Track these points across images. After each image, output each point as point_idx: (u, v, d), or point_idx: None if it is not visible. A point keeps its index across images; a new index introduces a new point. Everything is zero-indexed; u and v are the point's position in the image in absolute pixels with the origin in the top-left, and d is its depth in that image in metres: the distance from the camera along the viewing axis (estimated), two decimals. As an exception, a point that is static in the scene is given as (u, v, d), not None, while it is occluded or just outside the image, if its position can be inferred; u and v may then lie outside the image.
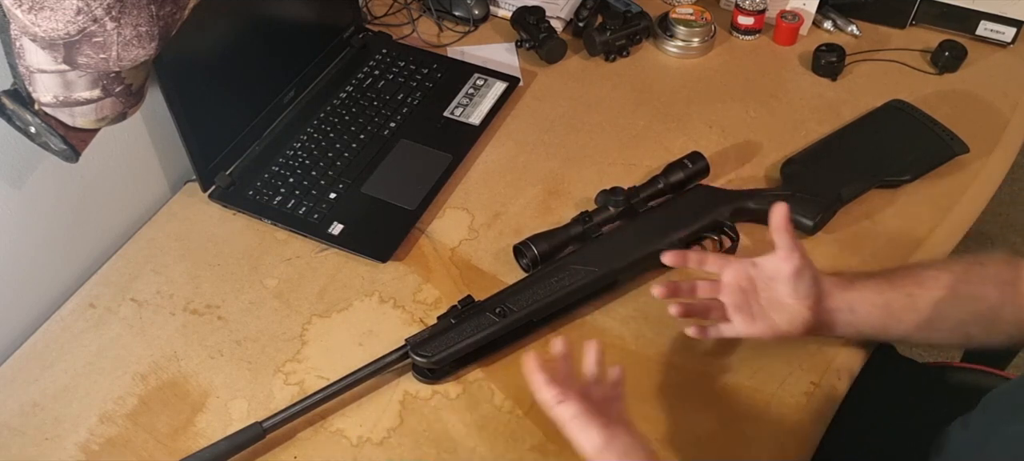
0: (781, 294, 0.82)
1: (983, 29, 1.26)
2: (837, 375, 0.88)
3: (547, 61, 1.27)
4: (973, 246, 2.16)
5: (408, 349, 0.87)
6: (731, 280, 0.85)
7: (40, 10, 0.69)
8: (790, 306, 0.82)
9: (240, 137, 1.10)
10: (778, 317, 0.82)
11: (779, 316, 0.82)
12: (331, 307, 0.96)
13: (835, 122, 1.15)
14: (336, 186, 1.08)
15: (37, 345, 0.94)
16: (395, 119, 1.17)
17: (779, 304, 0.82)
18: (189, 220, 1.07)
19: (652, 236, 0.97)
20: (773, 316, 0.83)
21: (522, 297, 0.90)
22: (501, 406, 0.87)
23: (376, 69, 1.24)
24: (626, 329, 0.93)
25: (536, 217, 1.05)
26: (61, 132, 0.82)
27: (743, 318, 0.84)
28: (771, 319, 0.83)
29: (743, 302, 0.84)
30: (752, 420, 0.84)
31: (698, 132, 1.16)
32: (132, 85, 0.82)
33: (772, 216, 0.80)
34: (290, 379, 0.90)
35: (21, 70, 0.78)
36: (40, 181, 0.93)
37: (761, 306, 0.83)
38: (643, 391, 0.87)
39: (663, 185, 1.02)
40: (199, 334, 0.94)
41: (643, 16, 1.29)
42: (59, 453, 0.84)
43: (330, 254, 1.02)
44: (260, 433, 0.82)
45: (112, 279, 1.00)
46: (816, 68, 1.24)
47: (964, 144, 1.08)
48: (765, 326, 0.83)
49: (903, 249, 0.99)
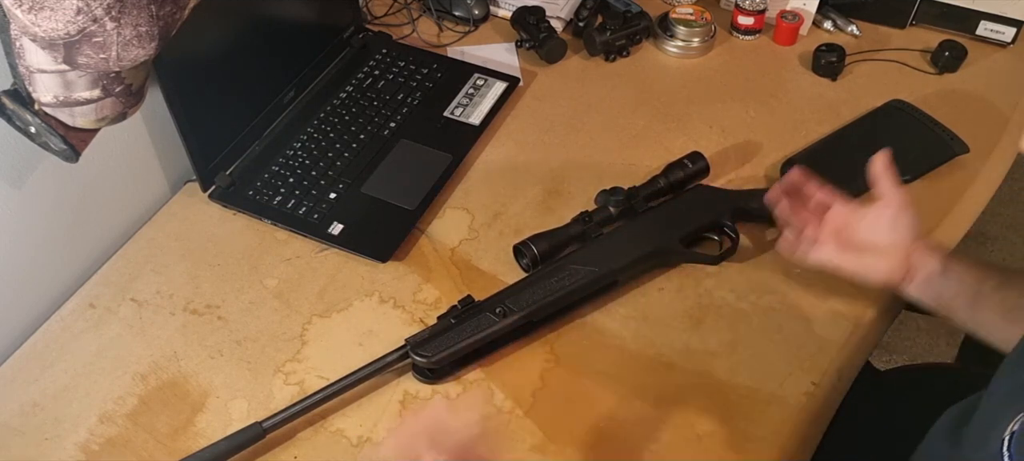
0: (879, 234, 0.84)
1: (983, 29, 1.25)
2: (837, 375, 0.88)
3: (547, 61, 1.27)
4: (973, 246, 2.17)
5: (408, 349, 0.87)
6: (838, 212, 0.87)
7: (40, 10, 0.69)
8: (884, 248, 0.84)
9: (240, 137, 1.10)
10: (869, 257, 0.85)
11: (870, 256, 0.85)
12: (331, 307, 0.96)
13: (835, 122, 1.15)
14: (336, 186, 1.08)
15: (37, 345, 0.94)
16: (395, 119, 1.17)
17: (873, 245, 0.85)
18: (189, 220, 1.07)
19: (652, 236, 0.97)
20: (865, 254, 0.85)
21: (522, 297, 0.90)
22: (501, 406, 0.87)
23: (376, 69, 1.24)
24: (626, 329, 0.93)
25: (536, 217, 1.05)
26: (61, 132, 0.82)
27: (835, 246, 0.86)
28: (862, 255, 0.86)
29: (842, 231, 0.87)
30: (752, 420, 0.84)
31: (698, 132, 1.16)
32: (132, 85, 0.82)
33: (874, 163, 0.84)
34: (290, 379, 0.90)
35: (21, 70, 0.77)
36: (40, 181, 0.93)
37: (855, 242, 0.86)
38: (643, 391, 0.87)
39: (663, 185, 1.02)
40: (199, 334, 0.94)
41: (643, 16, 1.29)
42: (59, 453, 0.84)
43: (330, 254, 1.02)
44: (260, 433, 0.82)
45: (112, 279, 1.00)
46: (816, 68, 1.24)
47: (964, 144, 1.08)
48: (854, 260, 0.86)
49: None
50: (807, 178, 0.91)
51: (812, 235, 0.89)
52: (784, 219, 0.92)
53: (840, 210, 0.88)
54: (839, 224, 0.87)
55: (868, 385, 0.93)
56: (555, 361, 0.90)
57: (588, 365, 0.90)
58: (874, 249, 0.85)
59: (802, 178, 0.91)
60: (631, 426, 0.84)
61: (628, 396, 0.87)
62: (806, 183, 0.91)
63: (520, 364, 0.90)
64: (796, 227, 0.91)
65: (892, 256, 0.84)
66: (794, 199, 0.92)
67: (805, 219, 0.90)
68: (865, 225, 0.86)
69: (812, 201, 0.91)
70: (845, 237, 0.87)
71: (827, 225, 0.88)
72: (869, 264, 0.86)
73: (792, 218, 0.91)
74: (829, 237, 0.87)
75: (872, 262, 0.85)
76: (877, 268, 0.85)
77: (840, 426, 0.88)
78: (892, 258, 0.84)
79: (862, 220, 0.86)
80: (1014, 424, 0.62)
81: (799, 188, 0.92)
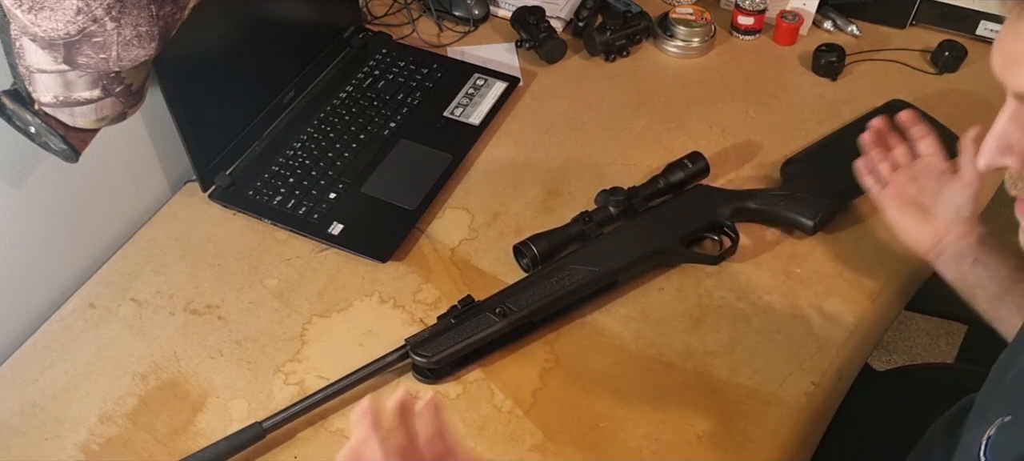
0: (935, 203, 0.87)
1: (983, 29, 1.26)
2: (837, 375, 0.88)
3: (547, 61, 1.27)
4: (973, 246, 2.13)
5: (408, 349, 0.87)
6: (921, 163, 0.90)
7: (40, 10, 0.69)
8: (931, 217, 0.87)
9: (240, 137, 1.10)
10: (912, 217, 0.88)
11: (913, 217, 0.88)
12: (331, 307, 0.96)
13: (835, 122, 1.15)
14: (336, 186, 1.08)
15: (37, 345, 0.94)
16: (395, 119, 1.17)
17: (924, 208, 0.87)
18: (189, 220, 1.07)
19: (652, 236, 0.97)
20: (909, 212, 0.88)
21: (522, 297, 0.90)
22: (501, 406, 0.87)
23: (376, 69, 1.24)
24: (626, 329, 0.93)
25: (536, 217, 1.05)
26: (61, 132, 0.82)
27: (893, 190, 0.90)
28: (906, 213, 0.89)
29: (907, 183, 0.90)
30: (752, 420, 0.84)
31: (698, 132, 1.16)
32: (132, 85, 0.82)
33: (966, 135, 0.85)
34: (290, 379, 0.90)
35: (21, 70, 0.77)
36: (40, 181, 0.93)
37: (910, 195, 0.89)
38: (643, 391, 0.87)
39: (663, 185, 1.02)
40: (199, 334, 0.94)
41: (643, 16, 1.29)
42: (59, 453, 0.84)
43: (330, 254, 1.02)
44: (260, 433, 0.82)
45: (112, 279, 1.00)
46: (816, 68, 1.24)
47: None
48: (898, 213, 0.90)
49: (903, 249, 0.99)
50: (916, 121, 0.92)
51: (884, 171, 0.92)
52: (867, 147, 0.94)
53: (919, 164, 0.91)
54: (908, 174, 0.90)
55: (868, 385, 0.93)
56: (555, 361, 0.90)
57: (588, 365, 0.90)
58: (921, 211, 0.87)
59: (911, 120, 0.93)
60: (631, 426, 0.84)
61: (628, 396, 0.87)
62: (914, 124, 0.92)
63: (520, 364, 0.90)
64: (875, 157, 0.93)
65: (931, 226, 0.86)
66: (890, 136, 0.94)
67: (883, 155, 0.93)
68: (929, 187, 0.88)
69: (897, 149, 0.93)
70: (904, 186, 0.90)
71: (900, 174, 0.91)
72: (909, 223, 0.88)
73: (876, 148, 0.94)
74: (893, 180, 0.90)
75: (911, 222, 0.88)
76: (912, 230, 0.88)
77: (840, 426, 0.88)
78: (929, 228, 0.86)
79: (929, 181, 0.88)
80: (991, 429, 0.62)
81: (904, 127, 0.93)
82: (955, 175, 0.87)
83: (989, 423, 0.63)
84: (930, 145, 0.91)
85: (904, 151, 0.93)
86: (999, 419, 0.62)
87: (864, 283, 0.96)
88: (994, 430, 0.62)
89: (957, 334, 1.72)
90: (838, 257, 0.99)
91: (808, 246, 1.00)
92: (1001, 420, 0.62)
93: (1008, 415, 0.62)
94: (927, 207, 0.88)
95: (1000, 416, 0.62)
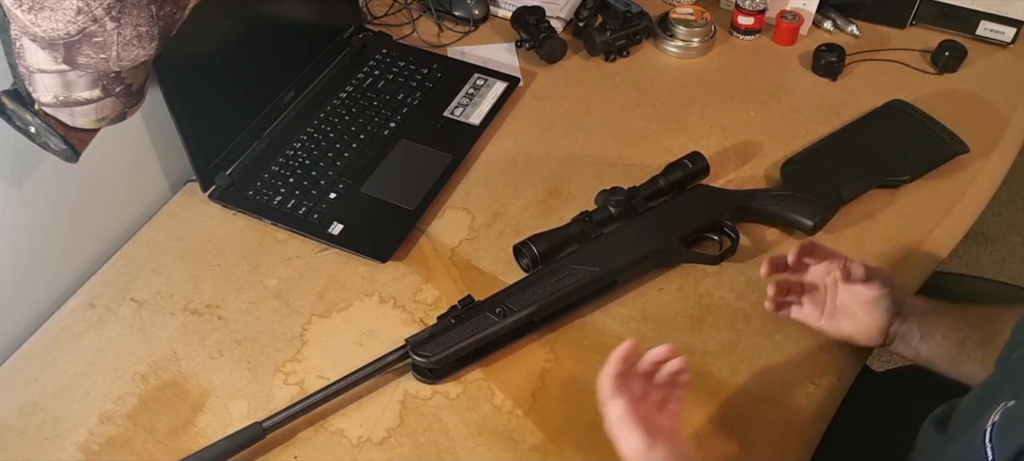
0: (857, 306, 0.84)
1: (983, 29, 1.26)
2: (837, 376, 0.88)
3: (547, 61, 1.27)
4: (973, 246, 2.17)
5: (408, 349, 0.87)
6: (818, 273, 0.87)
7: (40, 10, 0.69)
8: (862, 319, 0.84)
9: (240, 137, 1.10)
10: (846, 323, 0.85)
11: (848, 323, 0.85)
12: (331, 307, 0.96)
13: (835, 122, 1.15)
14: (336, 186, 1.08)
15: (37, 345, 0.94)
16: (395, 119, 1.17)
17: (852, 312, 0.85)
18: (189, 220, 1.07)
19: (652, 236, 0.97)
20: (842, 321, 0.85)
21: (522, 297, 0.90)
22: (501, 406, 0.87)
23: (376, 69, 1.24)
24: (626, 329, 0.93)
25: (536, 217, 1.05)
26: (61, 132, 0.82)
27: (814, 309, 0.86)
28: (839, 322, 0.85)
29: (820, 296, 0.86)
30: (752, 420, 0.84)
31: (698, 132, 1.16)
32: (132, 85, 0.82)
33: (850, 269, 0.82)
34: (290, 379, 0.90)
35: (21, 70, 0.77)
36: (40, 181, 0.93)
37: (835, 306, 0.86)
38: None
39: (663, 185, 1.02)
40: (199, 334, 0.94)
41: (643, 16, 1.29)
42: (59, 453, 0.84)
43: (330, 254, 1.02)
44: (260, 433, 0.82)
45: (112, 279, 1.00)
46: (816, 68, 1.24)
47: (964, 144, 1.08)
48: (832, 325, 0.86)
49: (903, 249, 0.99)
50: (810, 252, 0.87)
51: (795, 296, 0.88)
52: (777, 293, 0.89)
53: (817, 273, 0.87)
54: (816, 291, 0.87)
55: (868, 385, 0.93)
56: (555, 361, 0.90)
57: (588, 365, 0.89)
58: (853, 315, 0.85)
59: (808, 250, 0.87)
60: (631, 426, 0.84)
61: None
62: (812, 253, 0.87)
63: (520, 364, 0.90)
64: (781, 288, 0.88)
65: (871, 327, 0.84)
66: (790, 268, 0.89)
67: (787, 285, 0.88)
68: (844, 292, 0.85)
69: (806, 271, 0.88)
70: (823, 302, 0.86)
71: (807, 287, 0.87)
72: (847, 331, 0.85)
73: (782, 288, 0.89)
74: (808, 301, 0.87)
75: (854, 329, 0.85)
76: (858, 334, 0.85)
77: (840, 426, 0.88)
78: (872, 328, 0.84)
79: (845, 291, 0.85)
80: (995, 415, 0.63)
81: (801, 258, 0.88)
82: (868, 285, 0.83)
83: (994, 409, 0.63)
84: (821, 267, 0.87)
85: (802, 277, 0.89)
86: (1003, 404, 0.63)
87: (864, 283, 0.96)
88: (998, 415, 0.62)
89: (957, 334, 1.72)
90: (838, 257, 0.99)
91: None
92: (1004, 405, 0.63)
93: (1011, 400, 0.63)
94: (855, 311, 0.85)
95: (1004, 401, 0.63)
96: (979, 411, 0.66)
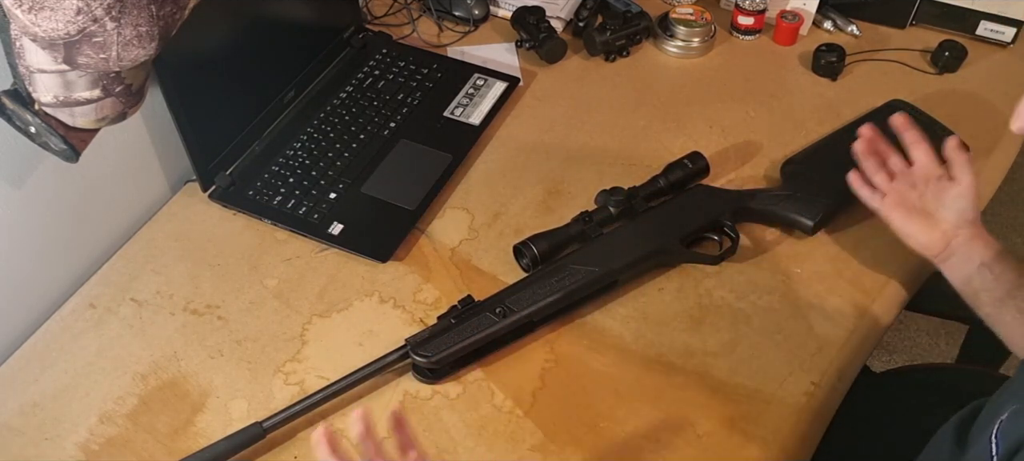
0: (937, 207, 0.87)
1: (983, 29, 1.25)
2: (837, 376, 0.88)
3: (547, 61, 1.27)
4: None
5: (408, 349, 0.87)
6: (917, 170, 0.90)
7: (40, 10, 0.69)
8: (935, 221, 0.87)
9: (240, 137, 1.10)
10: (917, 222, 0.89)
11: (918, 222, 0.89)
12: (331, 307, 0.96)
13: (835, 122, 1.15)
14: (336, 186, 1.08)
15: (37, 345, 0.94)
16: (395, 119, 1.17)
17: (927, 214, 0.88)
18: (189, 220, 1.07)
19: (652, 236, 0.97)
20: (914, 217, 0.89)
21: (522, 297, 0.90)
22: (501, 406, 0.87)
23: (376, 69, 1.24)
24: (626, 329, 0.93)
25: (536, 217, 1.05)
26: (61, 132, 0.82)
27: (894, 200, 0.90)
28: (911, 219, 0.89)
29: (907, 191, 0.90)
30: (752, 420, 0.84)
31: (698, 132, 1.16)
32: (132, 85, 0.82)
33: (947, 144, 0.88)
34: (290, 379, 0.90)
35: (21, 70, 0.78)
36: (40, 181, 0.93)
37: (911, 203, 0.89)
38: (643, 391, 0.87)
39: (663, 185, 1.02)
40: (199, 334, 0.94)
41: (643, 16, 1.29)
42: (59, 453, 0.84)
43: (330, 254, 1.02)
44: (260, 433, 0.82)
45: (112, 279, 1.00)
46: (816, 68, 1.24)
47: (964, 144, 1.08)
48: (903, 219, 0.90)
49: (903, 249, 0.99)
50: (908, 127, 0.92)
51: (881, 182, 0.92)
52: (861, 157, 0.95)
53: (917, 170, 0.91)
54: (907, 181, 0.90)
55: (868, 385, 0.93)
56: (555, 361, 0.90)
57: (588, 365, 0.90)
58: (926, 217, 0.88)
59: (904, 125, 0.92)
60: (631, 426, 0.84)
61: (628, 396, 0.87)
62: (906, 130, 0.92)
63: (520, 364, 0.90)
64: (870, 168, 0.93)
65: (938, 230, 0.86)
66: (881, 144, 0.95)
67: (878, 165, 0.93)
68: (929, 193, 0.88)
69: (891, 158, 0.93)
70: (905, 194, 0.90)
71: (896, 179, 0.91)
72: (916, 229, 0.88)
73: (870, 159, 0.94)
74: (892, 190, 0.91)
75: (918, 228, 0.88)
76: (920, 236, 0.88)
77: (840, 426, 0.88)
78: (937, 232, 0.86)
79: (928, 186, 0.89)
80: (1004, 414, 0.63)
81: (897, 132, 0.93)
82: (952, 180, 0.87)
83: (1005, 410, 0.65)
84: (924, 151, 0.91)
85: (899, 159, 0.93)
86: (1011, 407, 0.64)
87: (864, 283, 0.96)
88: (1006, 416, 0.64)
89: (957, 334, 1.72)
90: (838, 257, 0.99)
91: (808, 246, 1.00)
92: (1012, 408, 0.64)
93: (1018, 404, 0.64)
94: (930, 212, 0.88)
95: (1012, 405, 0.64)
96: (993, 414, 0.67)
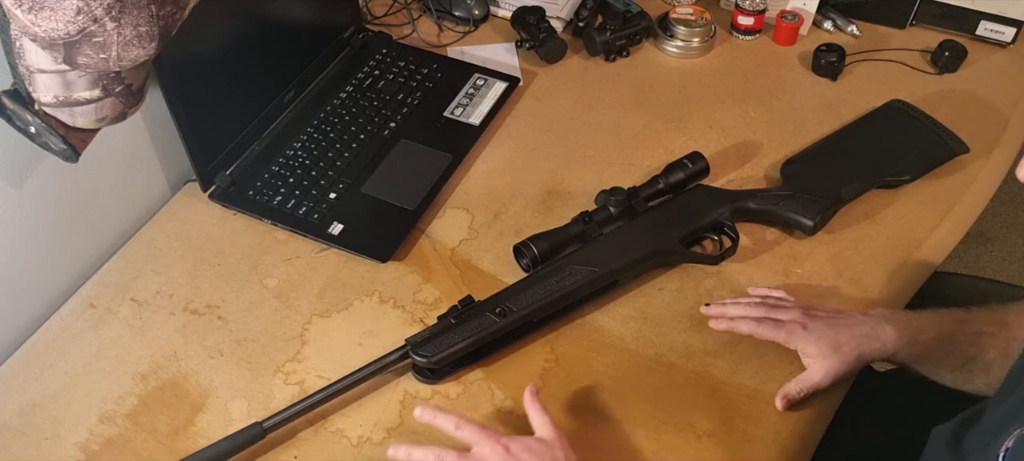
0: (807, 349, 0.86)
1: (983, 29, 1.26)
2: (837, 375, 0.88)
3: (547, 61, 1.27)
4: (973, 246, 2.16)
5: (408, 349, 0.87)
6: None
7: (40, 10, 0.69)
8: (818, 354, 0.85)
9: (240, 137, 1.10)
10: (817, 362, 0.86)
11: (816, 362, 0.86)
12: (331, 307, 0.96)
13: (835, 122, 1.15)
14: (336, 186, 1.08)
15: (37, 345, 0.94)
16: (395, 119, 1.17)
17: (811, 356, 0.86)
18: (189, 220, 1.07)
19: (652, 236, 0.97)
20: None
21: (522, 297, 0.90)
22: (501, 406, 0.87)
23: (376, 69, 1.24)
24: (626, 329, 0.93)
25: (536, 217, 1.05)
26: (61, 132, 0.82)
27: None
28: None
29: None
30: (752, 420, 0.84)
31: (698, 132, 1.16)
32: (132, 85, 0.82)
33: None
34: (290, 379, 0.90)
35: (21, 70, 0.78)
36: (40, 181, 0.93)
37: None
38: (643, 391, 0.87)
39: (663, 185, 1.02)
40: (199, 334, 0.94)
41: (643, 16, 1.29)
42: (59, 453, 0.84)
43: (330, 254, 1.02)
44: (260, 433, 0.82)
45: (112, 279, 1.00)
46: (816, 68, 1.24)
47: (964, 144, 1.08)
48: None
49: (903, 249, 0.99)
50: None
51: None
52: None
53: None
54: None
55: (868, 385, 0.93)
56: (555, 361, 0.90)
57: (588, 365, 0.90)
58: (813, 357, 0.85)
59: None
60: (631, 426, 0.84)
61: (628, 396, 0.87)
62: None
63: (520, 364, 0.90)
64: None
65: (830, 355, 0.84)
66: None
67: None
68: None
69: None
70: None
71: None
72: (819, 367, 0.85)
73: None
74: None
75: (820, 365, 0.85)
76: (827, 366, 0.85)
77: (840, 426, 0.88)
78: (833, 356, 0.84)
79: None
80: (1009, 440, 0.62)
81: None
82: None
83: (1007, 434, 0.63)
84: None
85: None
86: (1018, 430, 0.62)
87: (864, 283, 0.96)
88: (1012, 442, 0.62)
89: (957, 334, 1.72)
90: (838, 257, 0.99)
91: (808, 246, 1.00)
92: (1019, 431, 0.62)
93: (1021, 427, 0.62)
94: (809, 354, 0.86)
95: (1018, 427, 0.63)
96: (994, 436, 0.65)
